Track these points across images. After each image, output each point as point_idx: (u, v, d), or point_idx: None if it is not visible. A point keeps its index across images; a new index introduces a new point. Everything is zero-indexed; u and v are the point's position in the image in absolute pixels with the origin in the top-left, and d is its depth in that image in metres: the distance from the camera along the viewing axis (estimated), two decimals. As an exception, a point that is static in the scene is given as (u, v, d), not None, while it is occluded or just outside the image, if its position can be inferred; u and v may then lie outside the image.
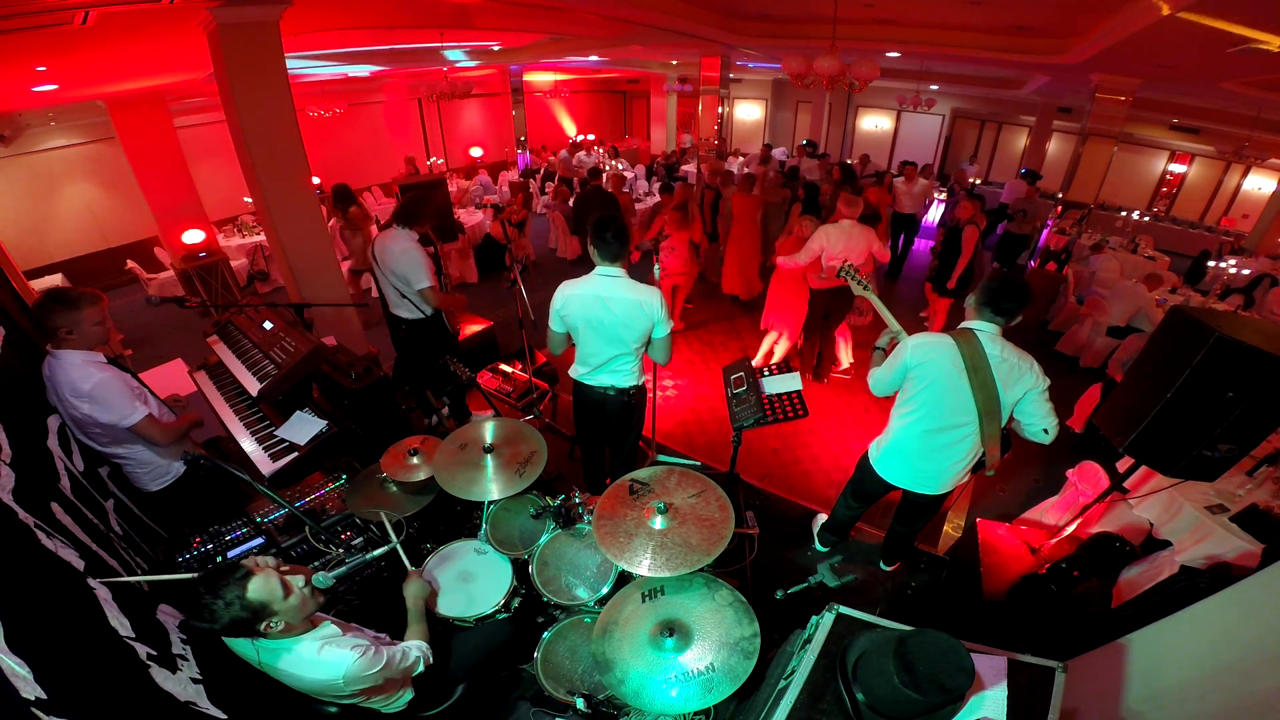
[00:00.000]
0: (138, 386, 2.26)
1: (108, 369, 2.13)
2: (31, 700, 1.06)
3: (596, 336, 2.48)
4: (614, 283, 2.38)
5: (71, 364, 2.04)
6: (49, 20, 3.06)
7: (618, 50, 9.03)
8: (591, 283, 2.41)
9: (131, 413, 2.11)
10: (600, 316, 2.41)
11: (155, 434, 2.19)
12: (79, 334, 2.04)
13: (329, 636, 1.54)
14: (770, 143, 12.10)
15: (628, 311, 2.39)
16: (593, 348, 2.53)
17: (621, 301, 2.38)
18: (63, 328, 2.01)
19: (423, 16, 5.49)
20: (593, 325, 2.45)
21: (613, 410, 2.70)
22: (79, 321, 2.03)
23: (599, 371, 2.60)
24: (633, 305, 2.38)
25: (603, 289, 2.39)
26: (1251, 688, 1.40)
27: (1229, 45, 3.99)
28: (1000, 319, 2.10)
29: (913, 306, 6.53)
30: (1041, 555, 2.88)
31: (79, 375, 2.03)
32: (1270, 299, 6.35)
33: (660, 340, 2.50)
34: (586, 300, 2.41)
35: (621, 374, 2.59)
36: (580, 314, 2.44)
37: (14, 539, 1.37)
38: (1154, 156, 11.18)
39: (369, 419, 3.06)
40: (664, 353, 2.55)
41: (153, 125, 6.56)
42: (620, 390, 2.63)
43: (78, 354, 2.06)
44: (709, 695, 1.50)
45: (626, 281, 2.39)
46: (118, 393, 2.09)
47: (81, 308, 2.03)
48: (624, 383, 2.61)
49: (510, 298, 4.23)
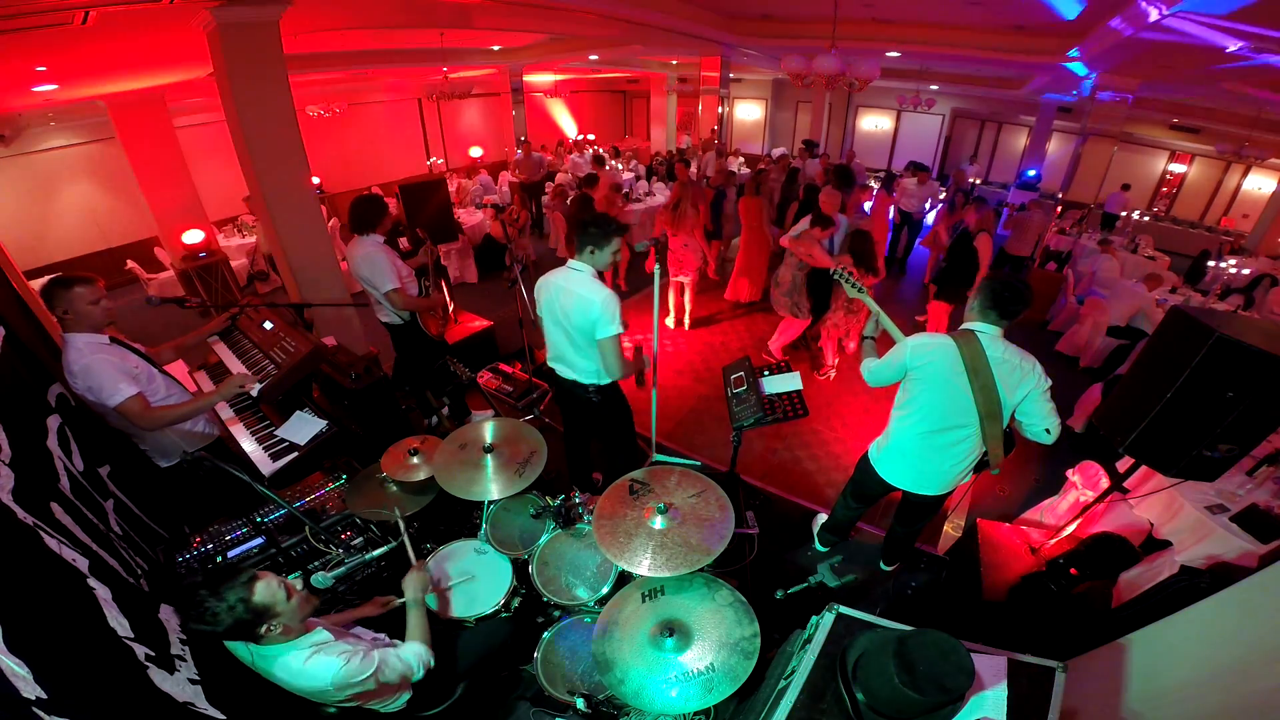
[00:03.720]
0: (139, 367, 2.29)
1: (104, 350, 2.18)
2: (31, 700, 1.06)
3: (555, 327, 2.58)
4: (575, 276, 2.46)
5: (73, 346, 2.12)
6: (49, 20, 3.06)
7: (618, 50, 9.03)
8: (560, 273, 2.52)
9: (115, 393, 2.13)
10: (557, 307, 2.51)
11: (136, 416, 2.19)
12: (74, 314, 2.11)
13: (320, 644, 1.54)
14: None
15: (575, 305, 2.44)
16: (552, 337, 2.65)
17: (573, 295, 2.45)
18: (59, 308, 2.09)
19: (423, 16, 5.49)
20: (554, 315, 2.55)
21: (582, 403, 2.75)
22: (72, 300, 2.09)
23: (560, 363, 2.70)
24: (580, 300, 2.42)
25: (565, 280, 2.48)
26: (1251, 687, 1.40)
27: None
28: (1003, 320, 2.10)
29: (911, 308, 6.54)
30: (1041, 555, 2.87)
31: (74, 356, 2.11)
32: (1270, 299, 6.34)
33: (603, 342, 2.44)
34: (552, 289, 2.52)
35: (580, 369, 2.64)
36: (545, 302, 2.57)
37: (14, 539, 1.37)
38: (1154, 156, 11.18)
39: (369, 419, 3.06)
40: (610, 359, 2.47)
41: (153, 125, 6.55)
42: (582, 386, 2.68)
43: (80, 336, 2.14)
44: (709, 695, 1.50)
45: (585, 278, 2.44)
46: (105, 373, 2.13)
47: (73, 287, 2.10)
48: (585, 379, 2.66)
49: (510, 298, 4.23)
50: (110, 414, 2.21)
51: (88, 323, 2.15)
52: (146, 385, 2.30)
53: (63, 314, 2.10)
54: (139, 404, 2.20)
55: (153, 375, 2.37)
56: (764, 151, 14.86)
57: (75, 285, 2.10)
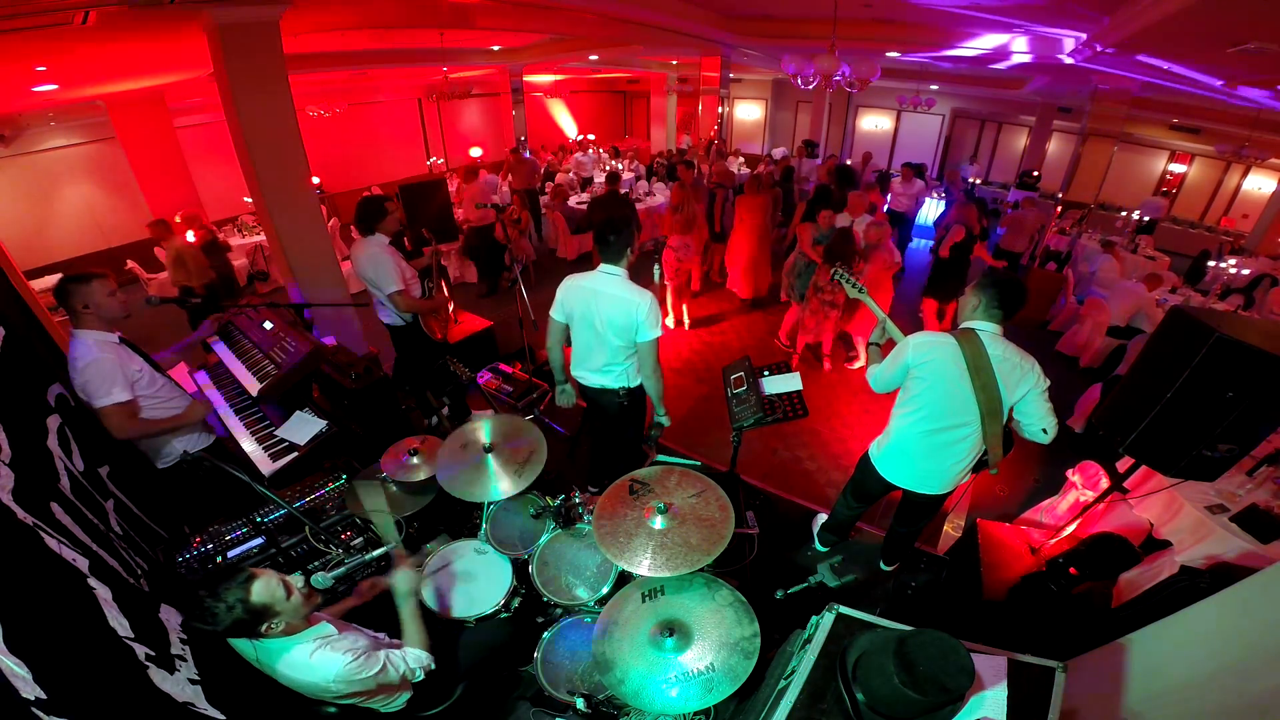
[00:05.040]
0: (140, 370, 2.30)
1: (112, 349, 2.20)
2: (31, 700, 1.06)
3: (588, 331, 2.55)
4: (611, 280, 2.45)
5: (81, 343, 2.14)
6: (49, 20, 3.06)
7: (618, 50, 9.03)
8: (592, 278, 2.49)
9: (105, 395, 2.15)
10: (592, 312, 2.48)
11: (115, 424, 2.20)
12: (94, 306, 2.15)
13: (325, 637, 1.54)
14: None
15: (616, 309, 2.43)
16: (583, 342, 2.61)
17: (612, 298, 2.43)
18: (79, 303, 2.13)
19: (423, 16, 5.49)
20: (586, 319, 2.52)
21: (609, 408, 2.74)
22: (92, 293, 2.14)
23: (589, 370, 2.66)
24: (621, 303, 2.42)
25: (599, 284, 2.46)
26: (1251, 688, 1.40)
27: (1229, 45, 3.99)
28: (1005, 319, 2.11)
29: (909, 306, 6.53)
30: (1041, 555, 2.87)
31: (81, 352, 2.13)
32: (1270, 299, 6.34)
33: (644, 345, 2.48)
34: (584, 293, 2.49)
35: (613, 374, 2.62)
36: (577, 307, 2.53)
37: (14, 539, 1.37)
38: (1154, 156, 11.17)
39: (369, 419, 3.06)
40: (649, 362, 2.51)
41: (153, 125, 6.56)
42: (612, 390, 2.67)
43: (91, 334, 2.17)
44: (709, 695, 1.50)
45: (623, 281, 2.44)
46: (104, 373, 2.15)
47: (91, 281, 2.14)
48: (616, 384, 2.65)
49: (510, 298, 4.23)
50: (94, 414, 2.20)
51: (106, 316, 2.19)
52: (146, 389, 2.30)
53: (82, 308, 2.13)
54: (122, 411, 2.19)
55: (154, 378, 2.38)
56: (764, 151, 14.85)
57: (93, 279, 2.15)
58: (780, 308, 6.27)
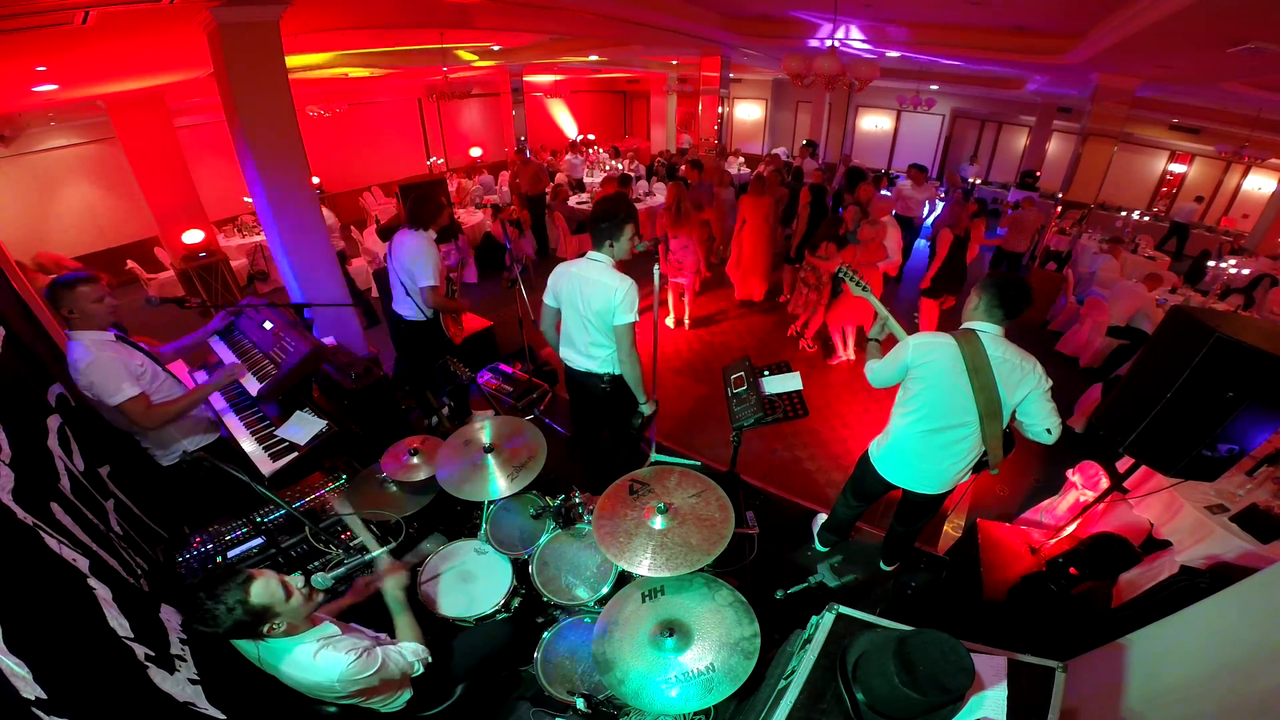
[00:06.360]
0: (143, 364, 2.30)
1: (110, 347, 2.20)
2: (31, 700, 1.06)
3: (574, 315, 2.61)
4: (594, 265, 2.51)
5: (77, 345, 2.14)
6: (49, 20, 3.06)
7: (618, 49, 9.02)
8: (578, 263, 2.57)
9: (117, 392, 2.15)
10: (577, 296, 2.55)
11: (138, 415, 2.21)
12: (79, 313, 2.13)
13: (328, 637, 1.54)
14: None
15: (596, 291, 2.48)
16: (570, 326, 2.68)
17: (593, 283, 2.49)
18: (64, 308, 2.11)
19: (423, 16, 5.49)
20: (572, 303, 2.58)
21: (594, 394, 2.77)
22: (77, 300, 2.11)
23: (576, 353, 2.72)
24: (602, 286, 2.47)
25: (584, 270, 2.53)
26: (1251, 688, 1.40)
27: (1230, 45, 3.99)
28: (1007, 320, 2.11)
29: (907, 306, 6.53)
30: (1041, 555, 2.87)
31: (79, 355, 2.12)
32: (1270, 299, 6.34)
33: (620, 329, 2.51)
34: (571, 278, 2.56)
35: (597, 358, 2.66)
36: (564, 291, 2.60)
37: (14, 539, 1.37)
38: (1154, 156, 11.17)
39: (369, 419, 3.06)
40: (624, 346, 2.55)
41: (153, 125, 6.55)
42: (596, 375, 2.71)
43: (85, 335, 2.16)
44: (709, 695, 1.50)
45: (604, 267, 2.50)
46: (109, 371, 2.15)
47: (77, 286, 2.12)
48: (600, 368, 2.69)
49: (510, 297, 4.23)
50: (112, 412, 2.21)
51: (93, 322, 2.17)
52: (150, 383, 2.31)
53: (68, 314, 2.12)
54: (141, 403, 2.21)
55: (156, 373, 2.39)
56: (764, 151, 14.85)
57: (79, 285, 2.12)
58: (780, 308, 6.29)
